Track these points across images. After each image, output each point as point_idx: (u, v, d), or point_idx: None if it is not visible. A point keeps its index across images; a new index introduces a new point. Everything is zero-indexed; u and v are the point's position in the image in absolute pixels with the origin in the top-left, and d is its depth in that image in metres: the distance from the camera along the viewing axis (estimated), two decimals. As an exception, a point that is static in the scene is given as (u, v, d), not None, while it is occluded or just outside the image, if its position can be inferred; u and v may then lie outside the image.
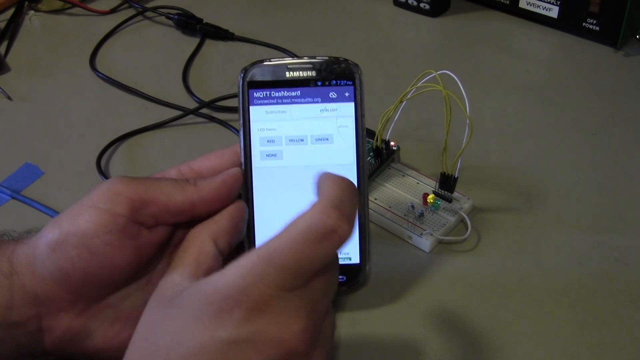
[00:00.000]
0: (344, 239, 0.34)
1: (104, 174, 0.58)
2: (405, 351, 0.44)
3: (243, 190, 0.44)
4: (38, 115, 0.66)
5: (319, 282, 0.35)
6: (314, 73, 0.44)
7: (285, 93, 0.44)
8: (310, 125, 0.44)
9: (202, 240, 0.40)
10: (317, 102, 0.44)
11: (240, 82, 0.44)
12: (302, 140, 0.44)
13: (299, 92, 0.44)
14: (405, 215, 0.51)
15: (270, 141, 0.44)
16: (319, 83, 0.44)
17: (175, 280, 0.38)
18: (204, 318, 0.33)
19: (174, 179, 0.42)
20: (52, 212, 0.54)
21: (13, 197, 0.56)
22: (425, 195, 0.52)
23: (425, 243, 0.50)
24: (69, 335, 0.40)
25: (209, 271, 0.38)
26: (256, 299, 0.33)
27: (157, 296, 0.37)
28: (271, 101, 0.44)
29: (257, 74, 0.44)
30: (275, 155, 0.44)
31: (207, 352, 0.33)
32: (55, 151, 0.62)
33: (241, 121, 0.44)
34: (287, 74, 0.44)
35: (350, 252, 0.45)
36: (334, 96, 0.44)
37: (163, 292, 0.37)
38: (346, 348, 0.44)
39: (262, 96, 0.44)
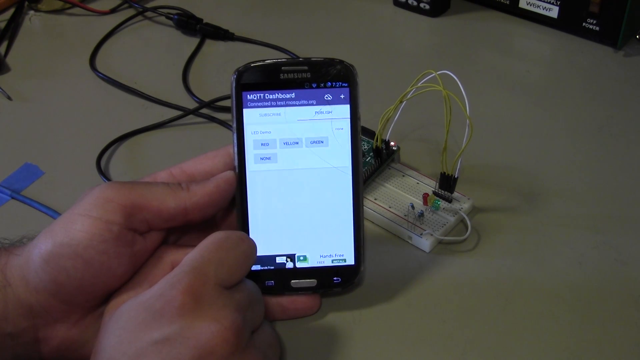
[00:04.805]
0: (253, 246, 0.40)
1: (104, 174, 0.58)
2: (405, 351, 0.44)
3: (237, 195, 0.44)
4: (38, 115, 0.66)
5: (242, 294, 0.38)
6: (308, 74, 0.43)
7: (280, 95, 0.44)
8: (305, 128, 0.44)
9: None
10: (312, 104, 0.44)
11: (233, 85, 0.43)
12: (297, 143, 0.44)
13: (293, 94, 0.44)
14: (405, 216, 0.51)
15: (265, 144, 0.44)
16: (314, 85, 0.44)
17: (122, 298, 0.39)
18: (140, 325, 0.35)
19: (166, 183, 0.41)
20: (52, 212, 0.54)
21: (13, 197, 0.56)
22: (425, 195, 0.52)
23: (425, 243, 0.49)
24: (65, 345, 0.40)
25: None
26: (186, 289, 0.35)
27: (105, 316, 0.39)
28: (265, 103, 0.44)
29: (250, 76, 0.43)
30: (269, 158, 0.44)
31: (144, 355, 0.34)
32: (55, 151, 0.62)
33: (234, 124, 0.44)
34: (281, 76, 0.43)
35: (345, 254, 0.45)
36: (329, 98, 0.44)
37: (108, 312, 0.39)
38: (346, 348, 0.44)
39: (255, 99, 0.44)
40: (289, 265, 0.45)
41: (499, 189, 0.55)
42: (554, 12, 0.70)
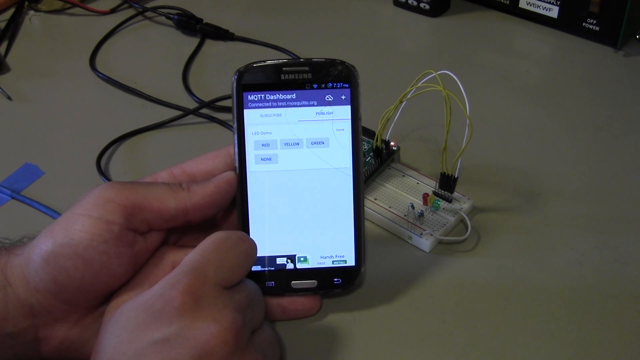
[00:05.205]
0: (253, 246, 0.41)
1: (104, 174, 0.58)
2: (405, 351, 0.44)
3: (237, 195, 0.44)
4: (38, 115, 0.66)
5: (242, 294, 0.38)
6: (309, 75, 0.43)
7: (281, 96, 0.44)
8: (306, 129, 0.44)
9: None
10: (313, 105, 0.44)
11: (234, 85, 0.43)
12: (298, 143, 0.44)
13: (294, 94, 0.44)
14: (405, 216, 0.51)
15: (265, 145, 0.44)
16: (315, 85, 0.44)
17: (123, 298, 0.39)
18: (140, 325, 0.35)
19: (166, 183, 0.41)
20: (52, 212, 0.54)
21: (13, 197, 0.56)
22: (425, 195, 0.52)
23: (425, 243, 0.50)
24: (65, 344, 0.40)
25: None
26: (186, 290, 0.35)
27: (106, 316, 0.39)
28: (266, 104, 0.44)
29: (251, 77, 0.43)
30: (270, 159, 0.44)
31: (144, 355, 0.34)
32: (55, 151, 0.62)
33: (235, 125, 0.44)
34: (282, 76, 0.43)
35: (345, 255, 0.45)
36: (330, 99, 0.44)
37: (109, 312, 0.39)
38: (346, 348, 0.44)
39: (256, 99, 0.44)
40: (290, 266, 0.44)
41: (499, 189, 0.55)
42: (554, 12, 0.70)
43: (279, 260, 0.44)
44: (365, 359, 0.43)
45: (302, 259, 0.45)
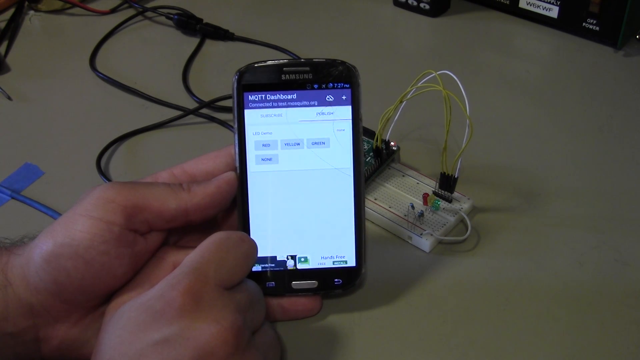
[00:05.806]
0: (254, 246, 0.41)
1: (104, 174, 0.58)
2: (405, 351, 0.44)
3: (238, 195, 0.44)
4: (38, 115, 0.66)
5: (242, 295, 0.38)
6: (310, 75, 0.43)
7: (281, 96, 0.44)
8: (307, 129, 0.44)
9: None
10: (314, 105, 0.44)
11: (235, 85, 0.43)
12: (298, 144, 0.44)
13: (295, 95, 0.44)
14: (405, 216, 0.51)
15: (266, 145, 0.44)
16: (316, 86, 0.44)
17: (123, 299, 0.39)
18: (140, 326, 0.35)
19: (167, 184, 0.41)
20: (52, 212, 0.54)
21: (13, 197, 0.56)
22: (425, 195, 0.52)
23: (425, 243, 0.50)
24: (66, 344, 0.40)
25: None
26: (186, 290, 0.35)
27: (106, 316, 0.39)
28: (267, 104, 0.44)
29: (252, 77, 0.43)
30: (270, 159, 0.44)
31: (144, 356, 0.34)
32: (55, 151, 0.62)
33: (236, 125, 0.44)
34: (283, 77, 0.43)
35: (346, 255, 0.45)
36: (330, 99, 0.44)
37: (109, 312, 0.39)
38: (347, 349, 0.44)
39: (257, 99, 0.44)
40: (290, 266, 0.45)
41: (499, 189, 0.55)
42: (554, 12, 0.70)
43: (280, 261, 0.44)
44: (366, 359, 0.43)
45: (302, 259, 0.45)
